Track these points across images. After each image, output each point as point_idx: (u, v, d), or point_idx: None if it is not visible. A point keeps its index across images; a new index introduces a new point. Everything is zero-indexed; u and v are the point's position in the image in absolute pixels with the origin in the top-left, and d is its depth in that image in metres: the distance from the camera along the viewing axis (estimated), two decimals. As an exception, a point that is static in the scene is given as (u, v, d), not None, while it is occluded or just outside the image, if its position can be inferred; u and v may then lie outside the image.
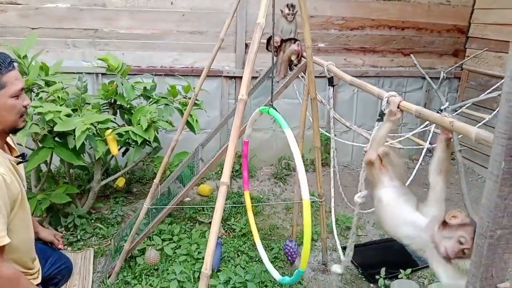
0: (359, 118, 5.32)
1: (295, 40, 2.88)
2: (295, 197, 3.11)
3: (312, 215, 4.27)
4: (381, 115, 1.78)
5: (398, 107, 1.68)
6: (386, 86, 5.37)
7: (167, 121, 3.54)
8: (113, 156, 3.88)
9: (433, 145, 3.96)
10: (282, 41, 2.98)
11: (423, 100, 5.55)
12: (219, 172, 4.96)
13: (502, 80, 3.63)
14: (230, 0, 4.54)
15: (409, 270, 3.27)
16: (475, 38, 5.23)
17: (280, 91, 2.83)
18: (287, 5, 2.88)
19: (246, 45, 4.67)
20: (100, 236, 3.53)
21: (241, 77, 4.81)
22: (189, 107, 2.70)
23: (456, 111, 4.18)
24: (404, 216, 1.60)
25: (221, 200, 1.85)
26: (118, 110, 3.78)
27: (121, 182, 4.28)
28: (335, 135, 4.12)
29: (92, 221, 3.68)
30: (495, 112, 3.99)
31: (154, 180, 2.87)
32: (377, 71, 5.24)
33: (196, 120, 3.74)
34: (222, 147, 2.91)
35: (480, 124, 4.12)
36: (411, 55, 5.14)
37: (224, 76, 4.74)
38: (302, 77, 4.28)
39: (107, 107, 3.70)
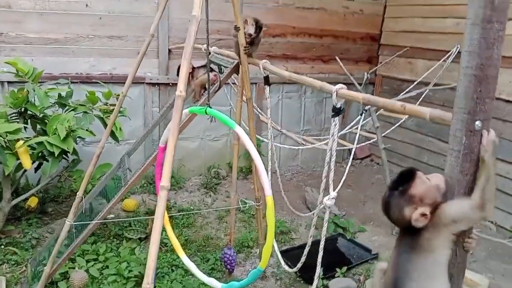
0: (285, 123, 5.38)
1: (212, 69, 2.76)
2: (232, 202, 3.00)
3: (247, 221, 4.16)
4: (335, 111, 1.77)
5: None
6: (308, 93, 5.51)
7: (87, 130, 3.25)
8: (23, 172, 3.48)
9: (358, 146, 4.12)
10: (194, 68, 2.89)
11: (343, 105, 5.78)
12: (144, 185, 4.69)
13: (415, 83, 3.88)
14: (150, 3, 4.35)
15: (344, 269, 3.32)
16: (387, 45, 5.58)
17: (213, 93, 2.73)
18: (257, 24, 2.56)
19: (169, 51, 4.50)
20: (13, 262, 3.10)
21: (164, 84, 4.65)
22: (115, 110, 2.48)
23: (376, 111, 4.38)
24: None
25: (161, 205, 1.69)
26: (29, 120, 3.39)
27: (33, 202, 3.84)
28: (263, 140, 4.13)
29: (2, 246, 3.24)
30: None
31: (78, 193, 2.58)
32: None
33: (120, 128, 3.48)
34: (150, 156, 2.73)
35: (397, 124, 4.38)
36: (337, 58, 5.35)
37: (146, 83, 4.51)
38: (234, 83, 4.24)
39: (17, 117, 3.30)
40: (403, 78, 5.27)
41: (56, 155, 2.96)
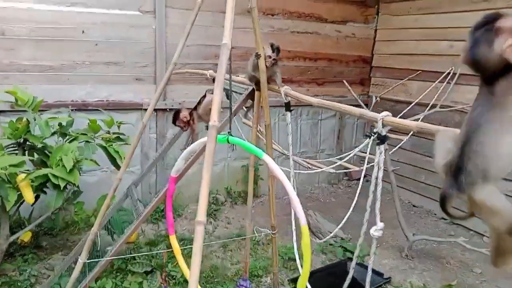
0: (281, 146, 5.33)
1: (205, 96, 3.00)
2: (247, 231, 2.90)
3: (253, 248, 4.03)
4: (380, 138, 1.73)
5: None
6: (304, 115, 5.51)
7: (91, 160, 3.12)
8: (19, 205, 3.30)
9: (354, 168, 4.13)
10: (192, 112, 3.01)
11: (337, 127, 5.82)
12: (142, 214, 4.52)
13: (412, 104, 3.96)
14: (147, 29, 4.29)
15: (360, 294, 3.25)
16: (379, 68, 5.67)
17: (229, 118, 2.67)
18: (272, 47, 2.51)
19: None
20: (14, 304, 2.91)
21: (162, 110, 4.55)
22: (135, 141, 2.38)
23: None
24: None
25: (199, 241, 1.59)
26: (27, 152, 3.23)
27: (26, 236, 3.64)
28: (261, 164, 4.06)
29: (-1, 287, 3.04)
30: (410, 134, 4.24)
31: (92, 229, 2.44)
32: (295, 101, 5.35)
33: (124, 157, 3.35)
34: (163, 188, 2.64)
35: (399, 145, 4.40)
36: (345, 82, 5.41)
37: (144, 109, 4.40)
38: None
39: (15, 148, 3.14)
40: (397, 99, 5.34)
41: (61, 188, 2.81)
